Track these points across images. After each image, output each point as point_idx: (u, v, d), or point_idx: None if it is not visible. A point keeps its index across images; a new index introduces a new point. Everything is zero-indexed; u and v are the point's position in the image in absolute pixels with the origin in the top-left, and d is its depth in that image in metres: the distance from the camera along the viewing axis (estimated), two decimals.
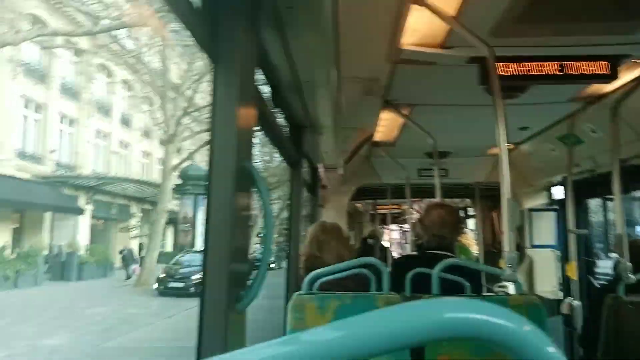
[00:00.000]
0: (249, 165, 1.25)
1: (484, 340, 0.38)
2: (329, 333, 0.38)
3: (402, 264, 3.41)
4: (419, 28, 2.43)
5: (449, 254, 2.97)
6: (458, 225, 3.21)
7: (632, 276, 2.98)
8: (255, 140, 1.44)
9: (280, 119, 2.69)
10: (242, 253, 1.25)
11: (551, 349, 0.38)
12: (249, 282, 1.27)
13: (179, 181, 26.90)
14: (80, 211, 24.45)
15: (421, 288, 2.62)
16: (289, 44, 1.83)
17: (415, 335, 0.38)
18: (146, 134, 30.71)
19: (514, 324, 0.38)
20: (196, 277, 18.41)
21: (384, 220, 11.11)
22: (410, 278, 2.71)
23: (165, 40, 20.56)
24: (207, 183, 1.20)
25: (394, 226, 13.47)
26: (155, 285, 19.14)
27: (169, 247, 30.00)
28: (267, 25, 1.64)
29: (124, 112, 28.83)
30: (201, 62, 20.57)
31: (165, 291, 18.60)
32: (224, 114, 1.21)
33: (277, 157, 30.93)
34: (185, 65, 22.73)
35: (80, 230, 24.73)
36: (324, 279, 2.57)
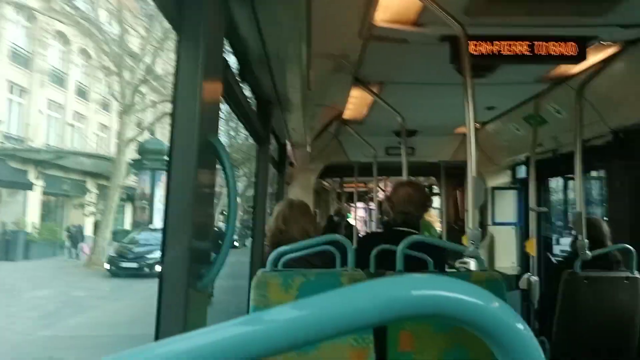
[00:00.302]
0: (213, 139, 1.20)
1: (452, 318, 0.37)
2: (291, 312, 0.37)
3: (367, 241, 3.44)
4: (392, 5, 2.40)
5: (414, 231, 3.02)
6: (424, 203, 3.26)
7: (588, 252, 3.09)
8: (221, 114, 1.39)
9: (248, 94, 2.63)
10: (203, 230, 1.21)
11: (520, 326, 0.37)
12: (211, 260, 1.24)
13: (137, 156, 25.67)
14: (29, 186, 22.63)
15: (386, 265, 2.64)
16: (259, 16, 1.77)
17: (381, 314, 0.36)
18: (104, 106, 28.77)
19: (483, 301, 0.37)
20: (152, 256, 17.53)
21: (350, 199, 11.19)
22: (375, 255, 2.73)
23: (122, 3, 19.52)
24: (168, 157, 1.16)
25: (360, 204, 13.61)
26: (107, 266, 17.77)
27: (128, 225, 28.78)
28: None
29: (80, 82, 26.66)
30: (162, 28, 19.45)
31: (117, 272, 17.31)
32: (188, 85, 1.15)
33: (243, 133, 30.60)
34: (145, 31, 21.37)
35: (29, 207, 22.93)
36: (289, 256, 2.56)
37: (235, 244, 22.22)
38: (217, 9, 1.29)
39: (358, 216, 11.10)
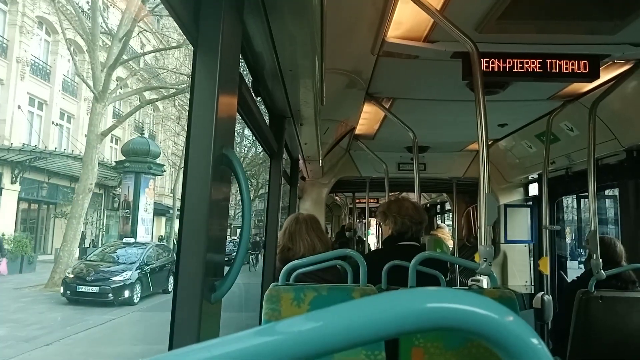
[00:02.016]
0: (229, 152, 1.22)
1: (467, 331, 0.37)
2: (304, 324, 0.37)
3: (374, 258, 3.44)
4: (404, 21, 2.42)
5: (417, 244, 3.04)
6: (424, 213, 3.34)
7: (602, 272, 3.05)
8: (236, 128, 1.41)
9: (262, 108, 2.66)
10: (218, 243, 1.22)
11: (535, 340, 0.37)
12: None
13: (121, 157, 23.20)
14: None
15: (395, 281, 2.63)
16: (273, 32, 1.80)
17: (397, 325, 0.37)
18: (71, 91, 24.74)
19: (498, 314, 0.37)
20: (120, 278, 14.56)
21: (362, 214, 11.16)
22: (386, 271, 2.72)
23: None
24: (183, 170, 1.18)
25: (372, 220, 13.55)
26: (61, 289, 14.47)
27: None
28: (252, 11, 1.61)
29: (36, 58, 22.70)
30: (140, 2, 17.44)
31: (73, 297, 14.07)
32: (204, 98, 1.18)
33: (248, 147, 30.07)
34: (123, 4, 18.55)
35: (3, 215, 19.62)
36: (300, 271, 2.56)
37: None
38: (233, 24, 1.32)
39: (371, 233, 11.06)
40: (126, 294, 14.60)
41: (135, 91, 22.79)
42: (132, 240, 18.82)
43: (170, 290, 16.36)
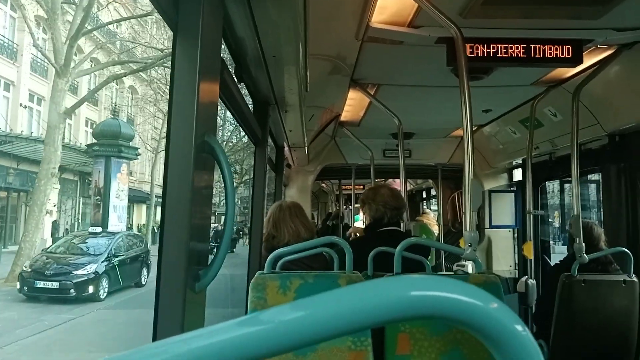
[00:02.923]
0: (211, 140, 1.20)
1: (450, 319, 0.36)
2: (290, 312, 0.36)
3: (358, 245, 3.46)
4: (389, 6, 2.40)
5: (399, 229, 3.07)
6: (403, 198, 3.40)
7: (585, 256, 3.10)
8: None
9: (245, 95, 2.63)
10: (201, 231, 1.21)
11: (519, 327, 0.37)
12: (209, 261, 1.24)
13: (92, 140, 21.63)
14: None
15: (381, 267, 2.64)
16: (256, 17, 1.77)
17: (380, 314, 0.36)
18: (37, 68, 22.88)
19: (482, 302, 0.36)
20: (82, 272, 13.21)
21: (348, 201, 11.19)
22: (372, 257, 2.73)
23: None
24: (164, 157, 1.16)
25: (358, 206, 13.62)
26: (18, 285, 13.13)
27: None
28: None
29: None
30: None
31: (31, 294, 12.72)
32: (184, 85, 1.15)
33: (231, 131, 29.25)
34: None
35: None
36: (287, 258, 2.55)
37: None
38: (214, 9, 1.29)
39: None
40: (90, 289, 13.19)
41: (102, 65, 20.94)
42: (99, 229, 17.29)
43: (144, 283, 15.62)
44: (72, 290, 12.92)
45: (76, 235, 17.21)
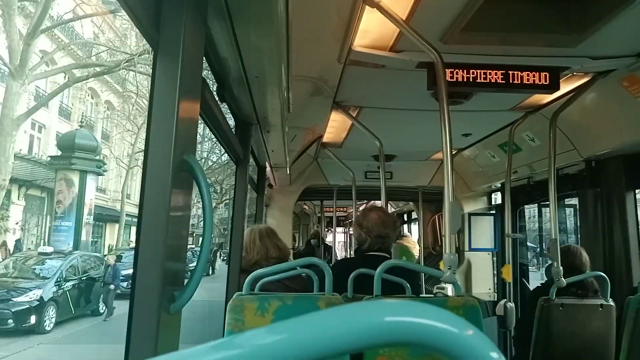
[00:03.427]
0: (190, 159, 1.19)
1: (425, 345, 0.35)
2: (265, 337, 0.35)
3: (341, 266, 3.43)
4: (371, 30, 2.44)
5: (387, 255, 3.03)
6: (396, 223, 3.30)
7: (563, 280, 3.12)
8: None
9: (227, 114, 2.62)
10: (177, 251, 1.18)
11: (494, 355, 0.36)
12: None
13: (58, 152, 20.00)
14: None
15: (362, 289, 2.63)
16: (238, 37, 1.77)
17: (353, 341, 0.35)
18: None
19: (457, 329, 0.36)
20: (24, 299, 11.43)
21: (330, 223, 11.19)
22: (352, 279, 2.72)
23: None
24: (141, 176, 1.14)
25: (339, 229, 13.58)
26: None
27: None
28: (216, 17, 1.58)
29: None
30: None
31: None
32: (164, 103, 1.14)
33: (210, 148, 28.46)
34: None
35: None
36: (266, 279, 2.53)
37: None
38: (196, 29, 1.29)
39: (337, 241, 11.07)
40: (33, 319, 11.32)
41: (63, 68, 19.09)
42: (49, 249, 15.09)
43: (102, 311, 13.84)
44: (10, 321, 11.06)
45: (21, 256, 14.93)
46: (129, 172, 26.03)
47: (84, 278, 13.85)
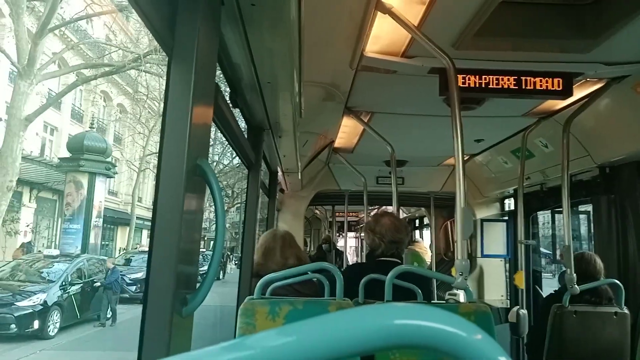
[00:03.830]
0: (203, 163, 1.20)
1: (433, 349, 0.36)
2: (276, 338, 0.36)
3: (353, 271, 3.43)
4: (383, 36, 2.45)
5: (398, 260, 3.02)
6: (408, 229, 3.28)
7: (576, 287, 3.09)
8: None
9: (239, 119, 2.65)
10: (190, 255, 1.20)
11: (503, 359, 0.36)
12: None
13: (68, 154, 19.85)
14: None
15: (373, 295, 2.62)
16: (251, 44, 1.79)
17: (363, 343, 0.36)
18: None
19: (466, 332, 0.36)
20: (27, 304, 11.09)
21: (341, 227, 11.16)
22: (363, 285, 2.72)
23: None
24: (155, 180, 1.16)
25: (350, 234, 13.55)
26: None
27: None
28: (229, 23, 1.60)
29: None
30: None
31: None
32: (178, 108, 1.16)
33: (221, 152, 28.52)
34: None
35: None
36: (277, 284, 2.53)
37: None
38: (210, 35, 1.31)
39: (349, 246, 11.05)
40: (36, 324, 10.96)
41: (72, 68, 19.00)
42: (55, 252, 14.63)
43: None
44: (12, 326, 10.66)
45: (32, 258, 14.42)
46: (140, 175, 26.16)
47: (92, 282, 13.63)
